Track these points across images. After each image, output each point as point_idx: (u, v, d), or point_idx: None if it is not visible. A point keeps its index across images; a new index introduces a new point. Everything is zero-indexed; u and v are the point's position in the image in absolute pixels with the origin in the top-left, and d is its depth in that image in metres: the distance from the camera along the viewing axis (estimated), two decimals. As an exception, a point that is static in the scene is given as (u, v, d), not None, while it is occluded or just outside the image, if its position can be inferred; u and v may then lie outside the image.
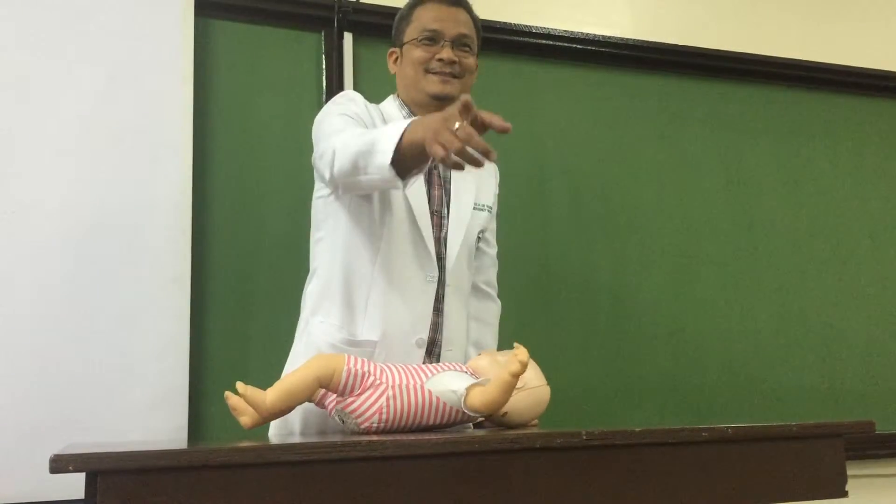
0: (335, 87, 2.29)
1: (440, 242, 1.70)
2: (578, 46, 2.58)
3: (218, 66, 2.22)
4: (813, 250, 2.76)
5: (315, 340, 1.62)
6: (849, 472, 1.28)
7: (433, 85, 1.73)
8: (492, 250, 1.90)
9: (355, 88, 2.30)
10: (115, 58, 2.05)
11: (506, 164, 2.40)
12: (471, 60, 1.77)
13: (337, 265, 1.64)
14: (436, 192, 1.73)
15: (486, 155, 1.27)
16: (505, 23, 2.50)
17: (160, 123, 2.06)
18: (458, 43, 1.74)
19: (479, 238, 1.80)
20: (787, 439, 1.26)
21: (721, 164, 2.72)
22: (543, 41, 2.55)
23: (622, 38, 2.63)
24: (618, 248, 2.54)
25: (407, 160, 1.40)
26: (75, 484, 1.04)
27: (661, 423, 2.01)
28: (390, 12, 2.02)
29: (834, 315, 2.74)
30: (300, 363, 1.36)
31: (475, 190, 1.79)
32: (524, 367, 1.30)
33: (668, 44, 2.67)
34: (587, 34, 2.59)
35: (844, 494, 1.28)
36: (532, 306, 2.40)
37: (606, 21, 2.67)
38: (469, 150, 1.27)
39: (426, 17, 1.76)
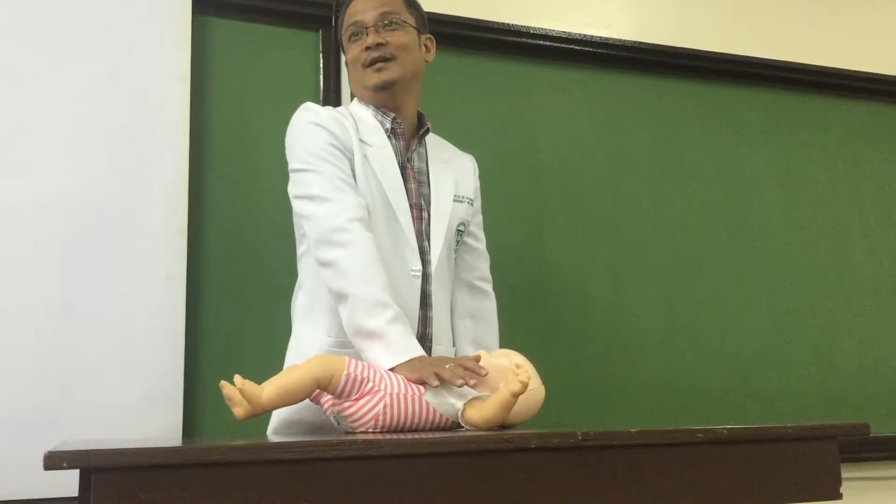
0: (332, 85, 2.29)
1: (422, 236, 1.69)
2: (575, 47, 2.58)
3: (215, 64, 2.22)
4: (808, 253, 2.77)
5: (305, 351, 1.62)
6: (843, 475, 1.29)
7: (370, 77, 1.71)
8: (480, 244, 1.89)
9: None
10: (111, 55, 2.05)
11: (502, 164, 2.43)
12: (402, 37, 1.72)
13: (321, 278, 1.61)
14: (412, 186, 1.72)
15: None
16: (502, 23, 2.50)
17: (157, 121, 2.05)
18: (382, 24, 1.71)
19: (459, 231, 1.79)
20: (782, 441, 1.27)
21: (717, 165, 2.72)
22: (540, 42, 2.55)
23: (618, 40, 2.63)
24: (613, 248, 2.54)
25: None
26: (69, 481, 1.04)
27: (656, 424, 2.01)
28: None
29: (829, 317, 2.74)
30: None
31: (454, 182, 1.78)
32: (525, 387, 1.29)
33: (664, 45, 2.67)
34: (584, 35, 2.59)
35: (839, 497, 1.28)
36: (528, 306, 2.40)
37: (603, 22, 2.67)
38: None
39: (348, 15, 1.76)
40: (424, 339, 1.68)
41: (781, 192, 2.77)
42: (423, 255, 1.69)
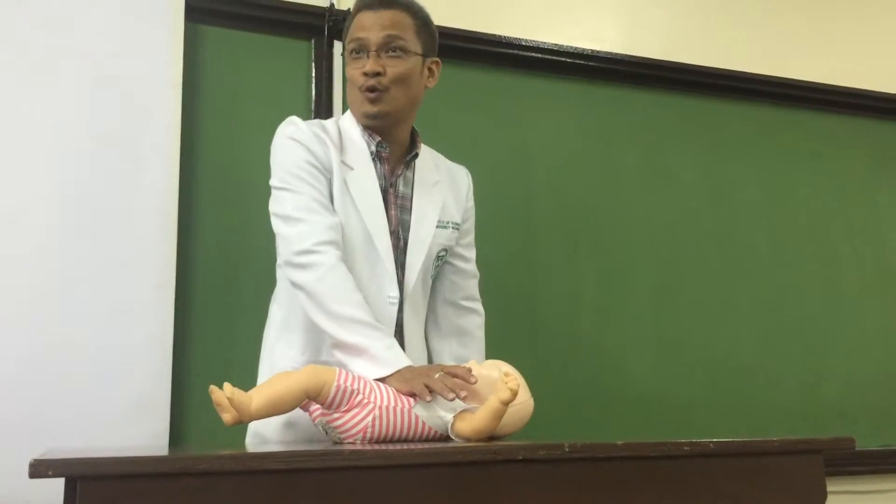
0: (324, 95, 2.29)
1: (398, 265, 1.67)
2: (567, 60, 2.60)
3: (207, 73, 2.22)
4: (795, 266, 2.78)
5: (279, 366, 1.61)
6: (828, 488, 1.29)
7: (363, 105, 1.66)
8: (469, 265, 1.85)
9: (343, 97, 2.29)
10: (103, 62, 2.04)
11: (492, 175, 2.44)
12: (401, 67, 1.65)
13: (296, 292, 1.59)
14: (393, 213, 1.68)
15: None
16: (493, 35, 2.51)
17: (148, 128, 2.05)
18: (386, 48, 1.64)
19: (440, 257, 1.75)
20: (768, 454, 1.27)
21: (705, 178, 2.73)
22: (532, 54, 2.56)
23: (610, 53, 2.65)
24: (602, 261, 2.55)
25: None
26: (55, 489, 1.03)
27: (643, 436, 2.00)
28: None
29: (816, 331, 2.75)
30: None
31: (440, 206, 1.74)
32: (515, 395, 1.29)
33: (655, 59, 2.69)
34: (575, 48, 2.60)
35: (823, 510, 1.29)
36: (517, 317, 2.40)
37: (595, 36, 2.68)
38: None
39: (355, 25, 1.68)
40: None
41: (768, 205, 2.79)
42: (400, 283, 1.66)
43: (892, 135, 3.01)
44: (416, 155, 1.75)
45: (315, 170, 1.61)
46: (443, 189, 1.78)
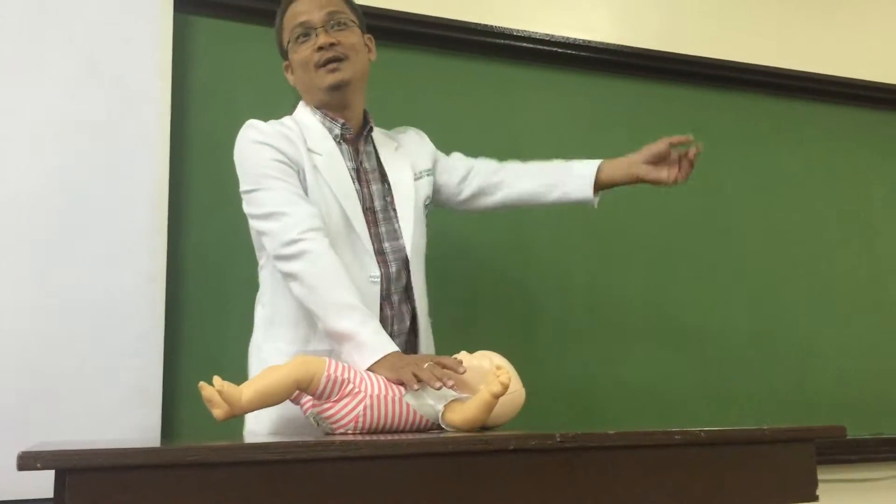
0: (315, 86, 2.28)
1: (379, 239, 1.70)
2: (558, 50, 2.59)
3: (196, 63, 2.20)
4: (786, 256, 2.78)
5: (268, 361, 1.60)
6: (819, 477, 1.30)
7: (324, 78, 1.69)
8: (455, 160, 1.91)
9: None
10: (92, 53, 2.03)
11: (484, 165, 2.43)
12: (351, 37, 1.72)
13: (280, 291, 1.63)
14: (367, 190, 1.72)
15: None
16: (485, 25, 2.50)
17: (137, 120, 2.04)
18: (331, 24, 1.70)
19: (426, 206, 1.80)
20: (759, 443, 1.28)
21: (698, 169, 2.72)
22: (523, 44, 2.55)
23: (601, 43, 2.64)
24: (594, 251, 2.55)
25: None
26: (45, 482, 1.03)
27: (636, 427, 2.01)
28: (372, 12, 2.02)
29: (806, 321, 2.76)
30: None
31: (410, 164, 1.80)
32: (506, 389, 1.29)
33: (646, 49, 2.68)
34: (567, 38, 2.60)
35: (815, 499, 1.29)
36: (508, 308, 2.40)
37: (586, 25, 2.67)
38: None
39: (292, 16, 1.74)
40: (411, 333, 1.71)
41: (760, 195, 2.79)
42: (382, 255, 1.69)
43: (883, 124, 3.01)
44: (371, 129, 1.79)
45: (285, 166, 1.63)
46: (405, 148, 1.83)
